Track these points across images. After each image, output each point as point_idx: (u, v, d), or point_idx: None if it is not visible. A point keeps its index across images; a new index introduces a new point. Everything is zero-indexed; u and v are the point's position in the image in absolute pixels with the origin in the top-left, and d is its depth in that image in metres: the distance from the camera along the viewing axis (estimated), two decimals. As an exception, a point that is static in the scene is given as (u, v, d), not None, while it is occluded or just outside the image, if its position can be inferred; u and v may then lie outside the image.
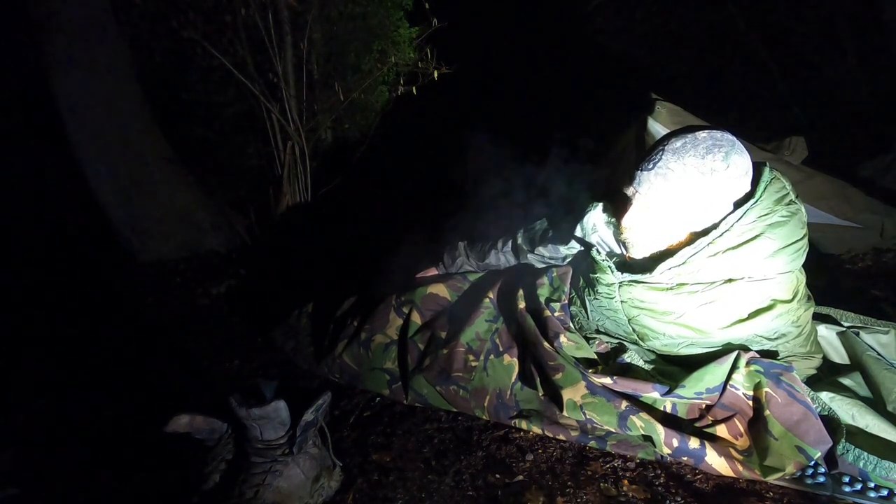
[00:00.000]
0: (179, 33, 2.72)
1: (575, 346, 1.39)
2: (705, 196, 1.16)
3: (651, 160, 1.19)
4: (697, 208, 1.19)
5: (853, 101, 4.04)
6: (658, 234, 1.25)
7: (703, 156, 1.14)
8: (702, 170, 1.14)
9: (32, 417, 1.65)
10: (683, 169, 1.15)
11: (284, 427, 1.18)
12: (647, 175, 1.19)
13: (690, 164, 1.14)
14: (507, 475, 1.21)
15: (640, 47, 5.06)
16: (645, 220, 1.23)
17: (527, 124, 4.69)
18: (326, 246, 2.83)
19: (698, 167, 1.14)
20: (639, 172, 1.21)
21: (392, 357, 1.57)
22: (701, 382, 1.20)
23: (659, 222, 1.22)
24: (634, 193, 1.22)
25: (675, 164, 1.15)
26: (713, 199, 1.17)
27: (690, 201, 1.17)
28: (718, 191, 1.16)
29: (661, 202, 1.19)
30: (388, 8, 3.31)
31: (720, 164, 1.14)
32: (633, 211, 1.23)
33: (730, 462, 1.13)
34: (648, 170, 1.18)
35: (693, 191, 1.16)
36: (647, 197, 1.20)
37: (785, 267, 1.18)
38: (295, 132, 2.95)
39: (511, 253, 1.67)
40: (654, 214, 1.21)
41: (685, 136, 1.17)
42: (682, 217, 1.20)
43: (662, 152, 1.17)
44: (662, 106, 2.02)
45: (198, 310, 2.44)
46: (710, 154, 1.14)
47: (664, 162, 1.16)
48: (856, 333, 1.42)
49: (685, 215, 1.20)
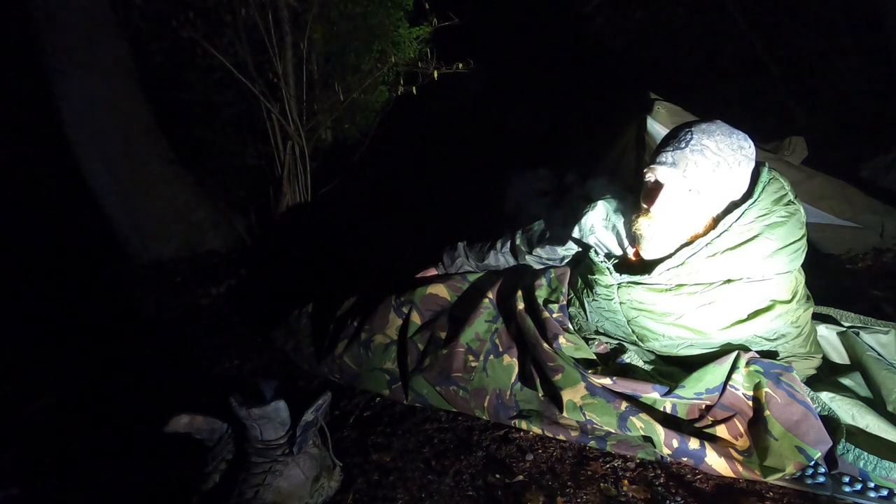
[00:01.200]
0: (179, 33, 2.72)
1: (574, 346, 1.39)
2: (736, 173, 1.16)
3: (681, 140, 1.17)
4: (728, 188, 1.18)
5: (853, 101, 4.03)
6: (682, 222, 1.20)
7: (729, 135, 1.17)
8: (732, 147, 1.16)
9: (33, 417, 1.66)
10: (717, 145, 1.15)
11: (284, 427, 1.18)
12: (681, 154, 1.15)
13: (721, 140, 1.16)
14: (507, 475, 1.21)
15: (640, 47, 5.06)
16: (678, 204, 1.18)
17: (527, 124, 4.70)
18: (326, 246, 2.83)
19: (728, 144, 1.16)
20: (669, 153, 1.17)
21: (392, 357, 1.57)
22: (701, 383, 1.20)
23: (690, 206, 1.18)
24: (666, 176, 1.17)
25: (708, 141, 1.15)
26: (741, 178, 1.18)
27: (724, 179, 1.16)
28: (745, 169, 1.17)
29: (702, 179, 1.15)
30: (388, 8, 3.31)
31: (744, 142, 1.18)
32: (667, 194, 1.18)
33: (730, 462, 1.13)
34: (682, 149, 1.16)
35: (727, 167, 1.15)
36: (687, 175, 1.15)
37: (784, 267, 1.18)
38: (295, 132, 2.95)
39: (510, 253, 1.67)
40: (691, 196, 1.17)
41: (704, 121, 1.20)
42: (713, 198, 1.18)
43: (691, 133, 1.17)
44: (662, 106, 2.02)
45: (198, 310, 2.44)
46: (734, 133, 1.17)
47: (696, 139, 1.16)
48: (856, 333, 1.42)
49: (715, 196, 1.18)
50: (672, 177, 1.17)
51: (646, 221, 1.22)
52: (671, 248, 1.24)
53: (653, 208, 1.20)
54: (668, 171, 1.17)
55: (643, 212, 1.23)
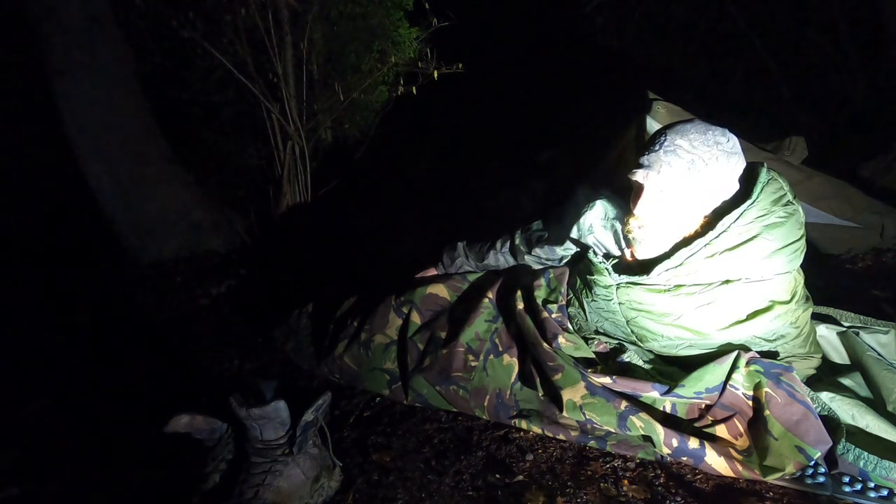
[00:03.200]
0: (179, 33, 2.72)
1: (573, 346, 1.39)
2: (714, 169, 1.17)
3: (655, 143, 1.21)
4: (708, 185, 1.19)
5: (853, 101, 4.03)
6: (670, 222, 1.23)
7: (704, 132, 1.18)
8: (707, 143, 1.17)
9: (32, 417, 1.66)
10: (690, 144, 1.17)
11: (284, 427, 1.18)
12: (655, 156, 1.19)
13: (695, 139, 1.17)
14: (507, 475, 1.22)
15: (640, 47, 5.05)
16: (658, 206, 1.22)
17: (526, 124, 4.70)
18: (326, 246, 2.83)
19: (703, 141, 1.17)
20: (646, 156, 1.21)
21: (392, 357, 1.57)
22: (700, 382, 1.20)
23: (672, 206, 1.21)
24: (645, 178, 1.21)
25: (681, 141, 1.18)
26: (721, 174, 1.18)
27: (701, 176, 1.18)
28: (724, 164, 1.18)
29: (674, 180, 1.18)
30: (388, 8, 3.30)
31: (721, 137, 1.18)
32: (647, 196, 1.22)
33: (729, 462, 1.13)
34: (655, 151, 1.19)
35: (702, 164, 1.17)
36: (659, 177, 1.19)
37: (783, 268, 1.19)
38: (295, 132, 2.95)
39: (509, 253, 1.67)
40: (668, 196, 1.20)
41: (683, 122, 1.22)
42: (694, 196, 1.20)
43: (665, 135, 1.20)
44: (661, 105, 2.02)
45: (198, 310, 2.44)
46: (710, 130, 1.19)
47: (669, 140, 1.19)
48: (856, 333, 1.42)
49: (696, 194, 1.20)
50: (648, 179, 1.20)
51: (635, 223, 1.26)
52: (664, 248, 1.26)
53: (635, 210, 1.25)
54: (643, 174, 1.21)
55: (631, 214, 1.27)
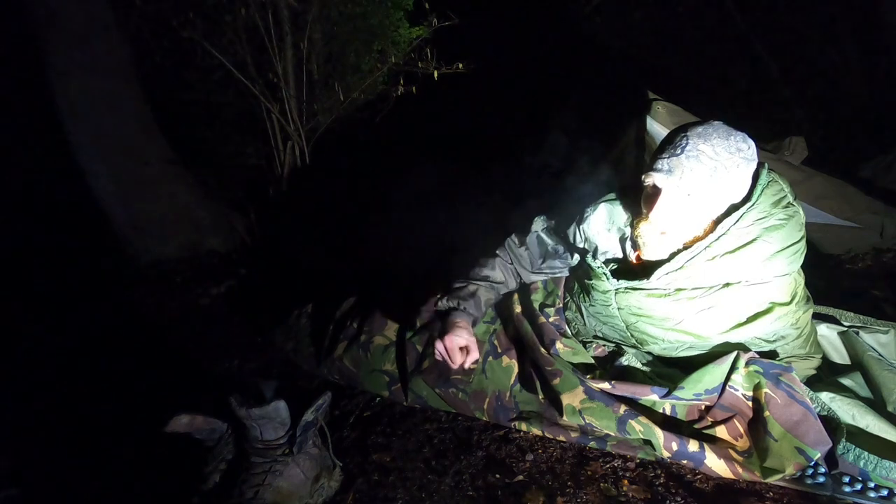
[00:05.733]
0: (179, 33, 2.73)
1: (572, 351, 1.38)
2: (734, 175, 1.16)
3: (677, 146, 1.16)
4: (726, 191, 1.17)
5: (853, 101, 4.03)
6: (684, 227, 1.21)
7: (727, 137, 1.16)
8: (729, 150, 1.15)
9: (32, 417, 1.66)
10: (713, 150, 1.14)
11: (284, 427, 1.18)
12: (676, 161, 1.15)
13: (718, 144, 1.15)
14: (507, 475, 1.21)
15: (640, 47, 5.05)
16: (678, 210, 1.19)
17: (526, 125, 4.70)
18: (326, 246, 2.83)
19: (726, 147, 1.15)
20: (666, 160, 1.16)
21: (391, 359, 1.57)
22: (700, 384, 1.20)
23: (690, 211, 1.18)
24: (664, 182, 1.17)
25: (704, 146, 1.14)
26: (740, 180, 1.17)
27: (721, 183, 1.16)
28: (744, 171, 1.17)
29: (698, 185, 1.15)
30: (388, 8, 3.31)
31: (742, 143, 1.16)
32: (667, 200, 1.18)
33: (729, 464, 1.13)
34: (677, 155, 1.15)
35: (724, 171, 1.15)
36: (683, 182, 1.15)
37: (783, 270, 1.18)
38: (295, 132, 2.96)
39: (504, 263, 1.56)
40: (693, 200, 1.17)
41: (701, 124, 1.19)
42: (711, 202, 1.18)
43: (686, 138, 1.16)
44: (662, 106, 2.02)
45: (198, 310, 2.44)
46: (731, 135, 1.16)
47: (692, 145, 1.15)
48: (856, 333, 1.42)
49: (714, 199, 1.18)
50: (669, 183, 1.16)
51: (647, 226, 1.23)
52: (673, 250, 1.23)
53: (651, 214, 1.21)
54: (664, 178, 1.16)
55: (643, 217, 1.24)
